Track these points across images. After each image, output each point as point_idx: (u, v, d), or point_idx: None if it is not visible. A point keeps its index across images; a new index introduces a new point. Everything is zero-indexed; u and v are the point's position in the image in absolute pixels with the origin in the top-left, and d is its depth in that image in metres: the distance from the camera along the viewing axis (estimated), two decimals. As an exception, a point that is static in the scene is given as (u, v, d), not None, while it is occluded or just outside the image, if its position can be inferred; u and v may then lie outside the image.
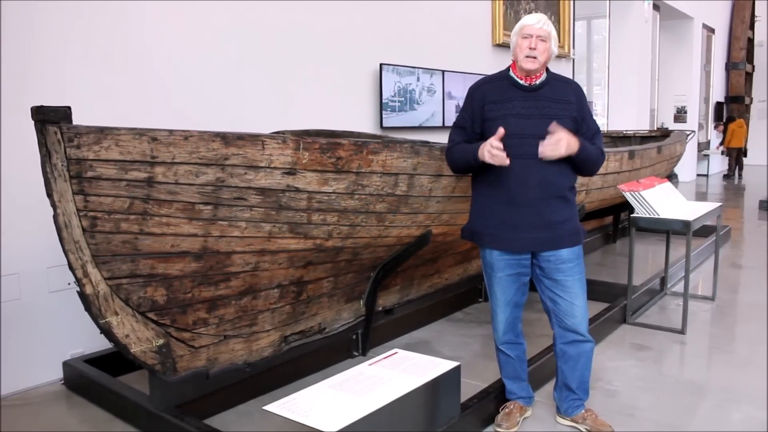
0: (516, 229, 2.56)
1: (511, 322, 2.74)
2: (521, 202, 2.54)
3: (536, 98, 2.57)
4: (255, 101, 4.30)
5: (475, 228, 2.71)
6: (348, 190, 2.73)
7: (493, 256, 2.66)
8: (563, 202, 2.59)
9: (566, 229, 2.59)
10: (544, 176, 2.52)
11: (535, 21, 2.55)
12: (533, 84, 2.59)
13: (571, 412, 2.78)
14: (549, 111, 2.54)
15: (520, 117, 2.54)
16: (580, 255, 2.66)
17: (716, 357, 3.73)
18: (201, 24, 3.94)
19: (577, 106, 2.61)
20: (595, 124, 2.71)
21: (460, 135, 2.69)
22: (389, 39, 5.40)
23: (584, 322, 2.68)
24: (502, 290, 2.68)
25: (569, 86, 2.68)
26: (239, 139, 2.36)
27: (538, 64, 2.55)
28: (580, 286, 2.65)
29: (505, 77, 2.65)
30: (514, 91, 2.59)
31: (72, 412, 3.04)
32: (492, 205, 2.62)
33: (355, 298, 3.48)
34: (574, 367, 2.72)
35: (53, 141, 2.10)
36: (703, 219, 4.23)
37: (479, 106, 2.62)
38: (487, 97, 2.62)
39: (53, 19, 3.25)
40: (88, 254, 2.26)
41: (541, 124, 2.49)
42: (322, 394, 2.29)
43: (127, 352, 2.48)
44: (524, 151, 2.48)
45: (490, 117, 2.58)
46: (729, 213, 9.07)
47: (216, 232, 2.50)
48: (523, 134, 2.50)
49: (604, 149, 2.72)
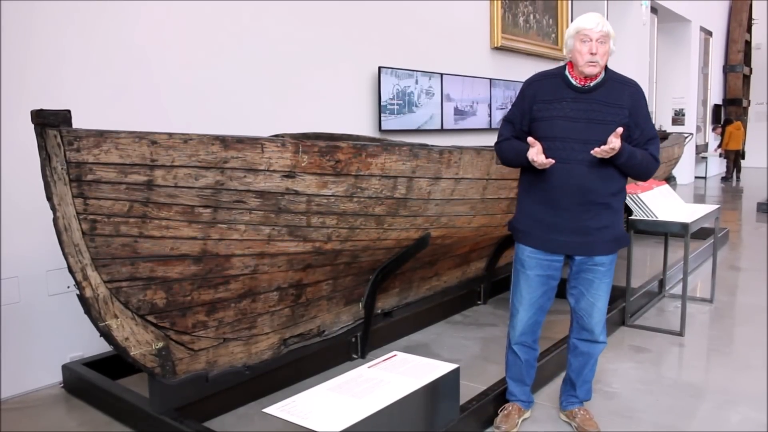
0: (551, 230, 2.55)
1: (531, 324, 2.72)
2: (558, 205, 2.52)
3: (587, 100, 2.50)
4: (254, 104, 4.31)
5: (516, 223, 2.71)
6: (347, 193, 2.74)
7: (525, 253, 2.65)
8: (604, 208, 2.54)
9: (603, 236, 2.55)
10: (584, 182, 2.48)
11: (594, 24, 2.44)
12: (587, 86, 2.51)
13: (566, 407, 2.84)
14: (598, 116, 2.47)
15: (567, 120, 2.49)
16: (613, 261, 2.64)
17: (715, 359, 3.74)
18: (200, 28, 3.95)
19: (630, 111, 2.51)
20: (652, 130, 2.59)
21: (509, 130, 2.67)
22: (388, 42, 5.41)
23: (601, 324, 2.70)
24: (529, 290, 2.66)
25: (626, 89, 2.56)
26: (238, 143, 2.36)
27: (599, 68, 2.47)
28: (605, 290, 2.65)
29: (560, 75, 2.57)
30: (566, 91, 2.52)
31: (71, 415, 3.04)
32: (531, 204, 2.62)
33: (354, 300, 3.49)
34: (582, 363, 2.76)
35: (53, 144, 2.10)
36: (701, 221, 4.25)
37: (529, 104, 2.58)
38: (537, 95, 2.57)
39: (53, 19, 3.26)
40: (87, 257, 2.27)
41: (587, 129, 2.46)
42: (322, 397, 2.29)
43: (127, 355, 2.48)
44: (566, 156, 2.46)
45: (538, 117, 2.55)
46: (727, 215, 9.08)
47: (215, 235, 2.50)
48: (567, 138, 2.47)
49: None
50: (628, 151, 2.46)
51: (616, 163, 2.47)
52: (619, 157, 2.44)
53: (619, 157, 2.44)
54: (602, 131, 2.43)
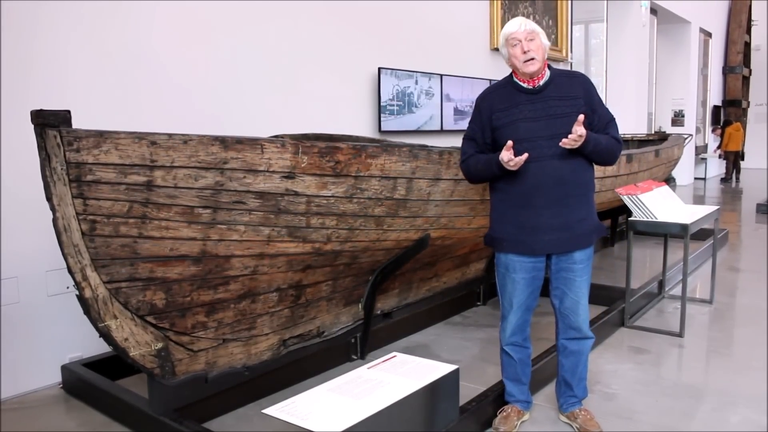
0: (535, 231, 2.57)
1: (521, 325, 2.75)
2: (539, 204, 2.54)
3: (542, 99, 2.56)
4: (254, 105, 4.31)
5: (495, 234, 2.71)
6: (347, 194, 2.74)
7: (509, 258, 2.66)
8: (580, 198, 2.60)
9: (583, 228, 2.61)
10: (560, 175, 2.53)
11: (516, 26, 2.55)
12: (537, 86, 2.58)
13: (567, 409, 2.83)
14: (556, 110, 2.54)
15: (528, 120, 2.54)
16: (590, 256, 2.69)
17: (714, 360, 3.74)
18: (200, 29, 3.95)
19: (585, 100, 2.58)
20: (608, 113, 2.68)
21: (471, 147, 2.70)
22: (388, 43, 5.42)
23: (587, 320, 2.75)
24: (516, 293, 2.68)
25: (575, 80, 2.65)
26: (238, 143, 2.36)
27: (539, 64, 2.54)
28: (586, 286, 2.70)
29: (509, 83, 2.66)
30: (519, 95, 2.60)
31: (70, 416, 3.04)
32: (510, 210, 2.63)
33: (353, 301, 3.49)
34: (574, 362, 2.77)
35: (53, 145, 2.10)
36: (700, 222, 4.25)
37: (487, 116, 2.63)
38: (493, 106, 2.63)
39: (53, 21, 3.26)
40: (87, 258, 2.27)
41: (550, 124, 2.51)
42: (321, 398, 2.30)
43: (126, 355, 2.48)
44: (537, 154, 2.49)
45: (499, 125, 2.59)
46: (726, 216, 9.09)
47: (215, 235, 2.50)
48: (533, 137, 2.51)
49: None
50: (593, 138, 2.53)
51: (584, 152, 2.53)
52: (587, 145, 2.50)
53: (587, 146, 2.50)
54: (564, 124, 2.49)
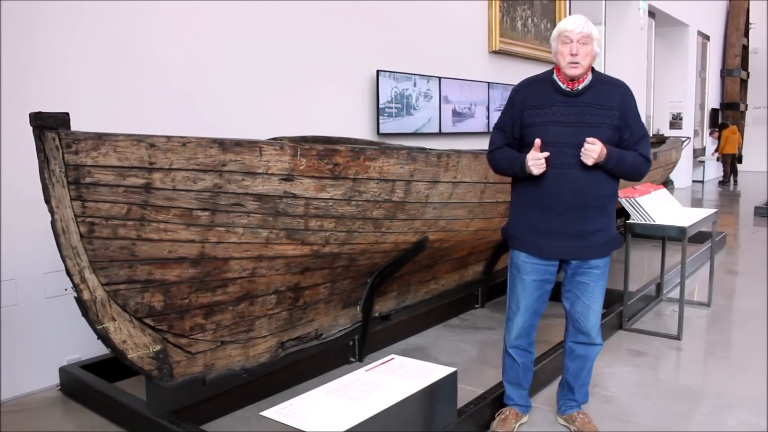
0: (547, 236, 2.55)
1: (527, 328, 2.73)
2: (553, 210, 2.52)
3: (577, 104, 2.50)
4: (252, 108, 4.31)
5: (510, 230, 2.70)
6: (345, 197, 2.74)
7: (520, 258, 2.65)
8: (598, 211, 2.55)
9: (598, 239, 2.56)
10: (579, 186, 2.48)
11: (574, 25, 2.45)
12: (575, 89, 2.51)
13: (565, 411, 2.83)
14: (589, 119, 2.48)
15: (558, 125, 2.49)
16: (608, 263, 2.66)
17: (712, 363, 3.74)
18: (198, 31, 3.95)
19: (620, 113, 2.51)
20: (642, 129, 2.59)
21: (501, 138, 2.67)
22: (386, 45, 5.42)
23: (597, 326, 2.71)
24: (525, 294, 2.66)
25: (615, 89, 2.56)
26: (237, 146, 2.37)
27: (582, 70, 2.46)
28: (600, 292, 2.66)
29: (547, 80, 2.57)
30: (555, 95, 2.52)
31: (68, 418, 3.04)
32: (526, 210, 2.61)
33: (351, 304, 3.49)
34: (579, 366, 2.76)
35: (51, 147, 2.10)
36: (698, 225, 4.25)
37: (519, 111, 2.58)
38: (527, 101, 2.57)
39: (53, 23, 3.26)
40: (85, 260, 2.26)
41: (580, 132, 2.45)
42: (319, 400, 2.30)
43: (124, 357, 2.48)
44: (560, 161, 2.46)
45: (529, 123, 2.54)
46: (724, 219, 9.10)
47: (213, 238, 2.50)
48: (560, 143, 2.47)
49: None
50: (616, 156, 2.47)
51: (606, 168, 2.48)
52: (608, 162, 2.45)
53: (608, 163, 2.46)
54: (594, 134, 2.44)
